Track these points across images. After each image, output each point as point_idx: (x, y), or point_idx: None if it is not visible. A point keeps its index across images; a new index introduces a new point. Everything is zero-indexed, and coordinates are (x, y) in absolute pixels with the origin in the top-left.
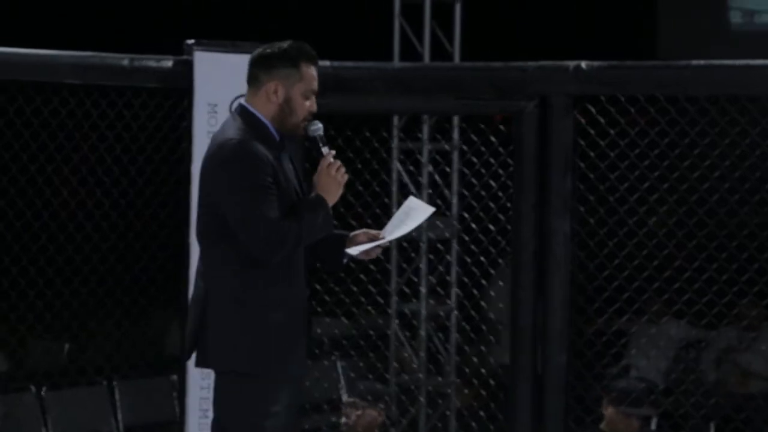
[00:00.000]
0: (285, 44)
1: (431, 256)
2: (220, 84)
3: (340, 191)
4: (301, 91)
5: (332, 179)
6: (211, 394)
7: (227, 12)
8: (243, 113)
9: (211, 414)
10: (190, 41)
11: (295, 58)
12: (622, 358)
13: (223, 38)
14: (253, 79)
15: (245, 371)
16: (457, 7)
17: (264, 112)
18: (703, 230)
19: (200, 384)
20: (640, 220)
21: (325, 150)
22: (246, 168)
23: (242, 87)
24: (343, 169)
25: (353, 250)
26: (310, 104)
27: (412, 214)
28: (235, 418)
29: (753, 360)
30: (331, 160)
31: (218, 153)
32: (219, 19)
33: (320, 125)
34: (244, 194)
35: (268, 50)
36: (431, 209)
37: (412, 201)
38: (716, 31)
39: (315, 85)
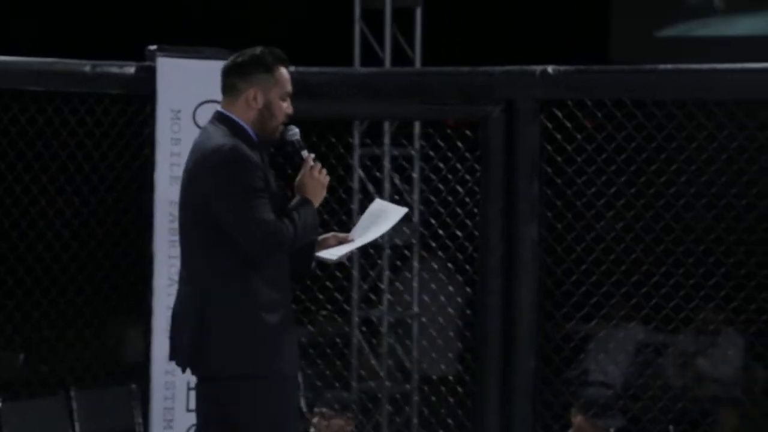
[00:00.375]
0: (257, 50)
1: (398, 263)
2: (183, 90)
3: (324, 193)
4: (278, 94)
5: (316, 181)
6: (176, 404)
7: (188, 18)
8: (224, 120)
9: (178, 424)
10: (153, 47)
11: (269, 63)
12: (582, 362)
13: (184, 44)
14: (229, 88)
15: (255, 374)
16: (418, 12)
17: (244, 118)
18: (670, 235)
19: (164, 394)
20: (607, 225)
21: (304, 153)
22: (240, 172)
23: (206, 93)
24: (324, 171)
25: (325, 254)
26: (287, 106)
27: (383, 215)
28: (256, 422)
29: (717, 364)
30: (312, 163)
31: (211, 158)
32: (180, 25)
33: (297, 129)
34: (240, 197)
35: (241, 58)
36: (403, 210)
37: (379, 203)
38: (670, 35)
39: (290, 87)
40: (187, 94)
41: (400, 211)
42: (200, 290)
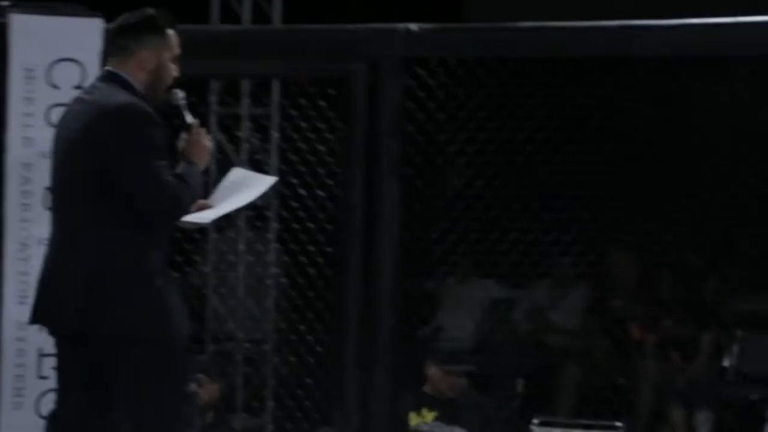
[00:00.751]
0: (148, 12)
1: (258, 224)
2: (37, 48)
3: (208, 158)
4: (169, 57)
5: (202, 146)
6: (26, 372)
7: None
8: (116, 80)
9: (29, 392)
10: (5, 3)
11: (161, 26)
12: (437, 318)
13: (38, 0)
14: (121, 49)
15: (152, 336)
16: None
17: (136, 79)
18: (529, 191)
19: (15, 361)
20: (468, 183)
21: (189, 118)
22: (147, 132)
23: (61, 51)
24: (209, 136)
25: (191, 218)
26: (174, 69)
27: (246, 183)
28: (163, 386)
29: (566, 315)
30: (196, 127)
31: (115, 116)
32: None
33: (183, 93)
34: (146, 158)
35: (133, 19)
36: (272, 179)
37: (241, 172)
38: None
39: (177, 49)
40: (42, 53)
41: (267, 180)
42: (90, 252)
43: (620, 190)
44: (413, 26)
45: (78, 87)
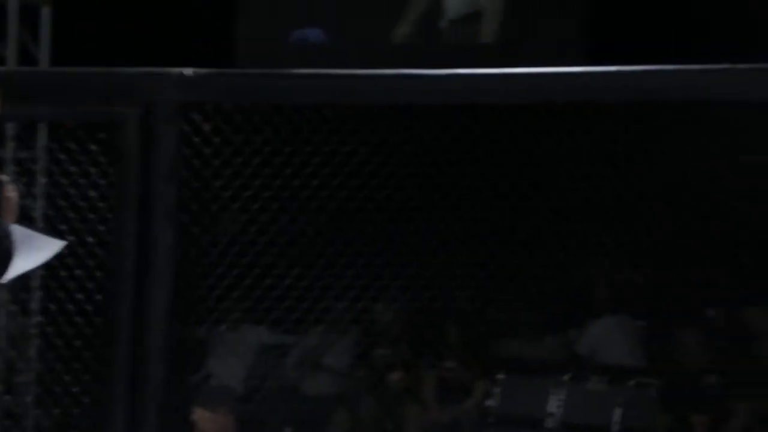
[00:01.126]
0: None
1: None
2: None
3: (17, 211)
4: None
5: (14, 202)
6: None
7: None
8: None
9: None
10: None
11: None
12: (206, 365)
13: None
14: None
15: None
16: (45, 11)
17: None
18: (305, 236)
19: None
20: (243, 229)
21: None
22: None
23: None
24: (16, 192)
25: None
26: None
27: (31, 244)
28: None
29: (340, 357)
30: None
31: None
32: None
33: None
34: None
35: None
36: (60, 243)
37: (20, 230)
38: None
39: None
40: None
41: (55, 244)
42: None
43: (394, 236)
44: (187, 71)
45: None
